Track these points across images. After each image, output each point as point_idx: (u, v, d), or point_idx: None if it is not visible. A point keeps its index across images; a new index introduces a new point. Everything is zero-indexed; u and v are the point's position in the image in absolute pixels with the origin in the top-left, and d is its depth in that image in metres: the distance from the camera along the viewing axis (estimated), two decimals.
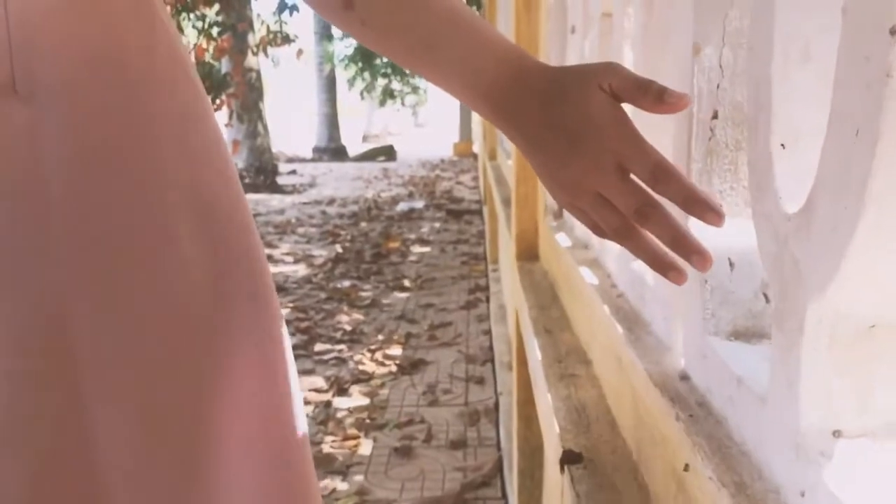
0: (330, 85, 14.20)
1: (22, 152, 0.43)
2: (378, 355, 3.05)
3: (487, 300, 3.82)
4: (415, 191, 9.03)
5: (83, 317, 0.44)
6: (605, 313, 0.82)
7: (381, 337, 3.31)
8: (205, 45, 7.62)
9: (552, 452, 0.81)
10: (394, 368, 2.92)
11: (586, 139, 0.47)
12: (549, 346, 1.01)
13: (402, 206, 7.52)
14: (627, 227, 0.48)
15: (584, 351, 0.98)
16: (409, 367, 2.92)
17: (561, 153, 0.48)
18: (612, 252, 0.96)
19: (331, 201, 8.12)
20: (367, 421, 2.45)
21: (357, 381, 2.80)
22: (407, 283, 4.31)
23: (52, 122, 0.43)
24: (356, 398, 2.65)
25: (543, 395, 0.88)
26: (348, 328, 3.44)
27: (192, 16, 7.41)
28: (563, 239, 1.23)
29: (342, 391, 2.71)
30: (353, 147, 15.28)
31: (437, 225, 6.49)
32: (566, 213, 1.39)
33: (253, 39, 8.28)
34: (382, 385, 2.76)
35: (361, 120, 21.77)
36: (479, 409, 2.54)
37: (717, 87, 0.58)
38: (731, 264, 0.58)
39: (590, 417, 0.78)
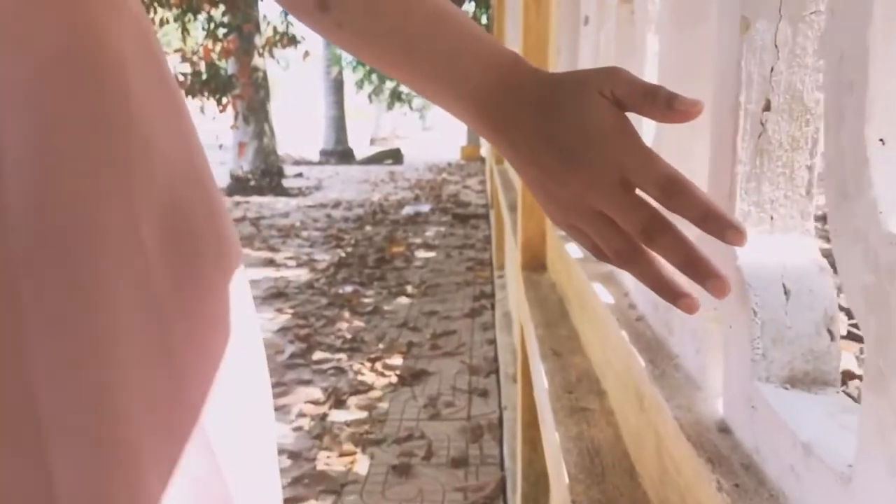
0: (337, 88, 14.13)
1: None
2: (378, 365, 2.94)
3: (493, 307, 3.71)
4: (421, 194, 8.93)
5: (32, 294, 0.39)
6: (622, 339, 0.71)
7: (381, 345, 3.20)
8: (210, 46, 7.55)
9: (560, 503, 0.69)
10: (394, 379, 2.80)
11: (585, 151, 0.42)
12: (558, 372, 0.90)
13: (407, 210, 7.42)
14: (632, 250, 0.42)
15: (598, 379, 0.86)
16: (410, 377, 2.81)
17: (557, 167, 0.43)
18: None
19: (336, 204, 8.03)
20: (365, 436, 2.33)
21: (356, 392, 2.69)
22: (410, 289, 4.20)
23: (11, 122, 0.39)
24: (354, 411, 2.54)
25: (551, 432, 0.77)
26: (348, 336, 3.34)
27: (197, 17, 7.34)
28: (573, 250, 1.12)
29: (340, 403, 2.60)
30: (361, 150, 15.22)
31: (443, 229, 6.39)
32: None
33: (259, 41, 8.20)
34: (382, 397, 2.65)
35: (369, 123, 21.72)
36: (482, 424, 2.42)
37: (771, 70, 0.47)
38: (787, 292, 0.46)
39: (604, 464, 0.67)
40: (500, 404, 2.57)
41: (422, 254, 5.29)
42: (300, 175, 11.23)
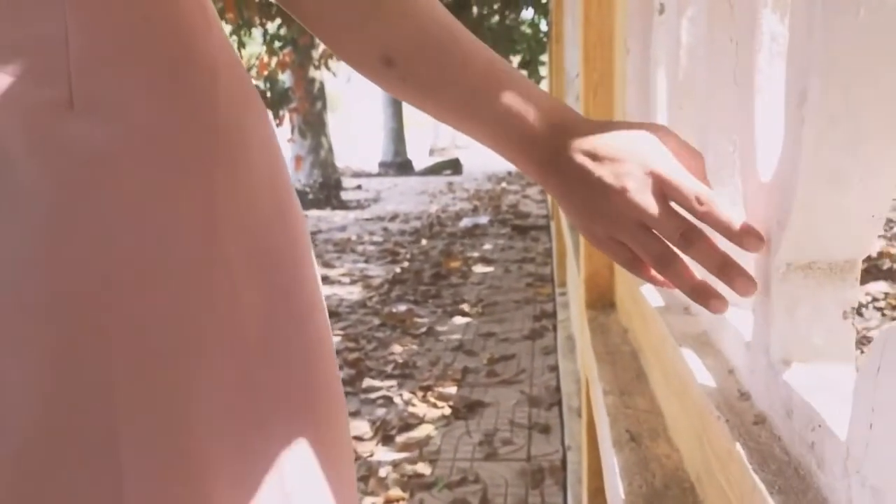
0: (395, 99, 14.06)
1: (78, 171, 0.42)
2: (430, 395, 2.74)
3: (554, 328, 3.47)
4: (479, 205, 8.72)
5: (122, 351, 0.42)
6: (735, 455, 0.49)
7: (435, 371, 3.00)
8: (266, 59, 7.54)
9: None
10: (447, 411, 2.60)
11: (631, 168, 0.49)
12: (636, 469, 0.67)
13: (465, 222, 7.22)
14: (671, 254, 0.49)
15: (692, 485, 0.64)
16: (465, 409, 2.60)
17: (605, 184, 0.49)
18: (731, 332, 0.62)
19: (393, 217, 7.90)
20: (414, 479, 2.13)
21: (405, 426, 2.49)
22: (466, 307, 3.99)
23: (109, 139, 0.42)
24: (403, 448, 2.34)
25: None
26: (400, 360, 3.15)
27: (252, 31, 7.34)
28: (651, 294, 0.89)
29: (388, 439, 2.40)
30: (420, 161, 15.13)
31: (502, 242, 6.16)
32: None
33: (315, 53, 8.16)
34: (433, 432, 2.45)
35: (428, 133, 21.66)
36: (543, 467, 2.19)
37: None
38: None
39: None
40: (563, 442, 2.34)
41: (479, 269, 5.08)
42: (359, 187, 11.18)
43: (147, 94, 0.43)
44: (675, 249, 0.49)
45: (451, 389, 2.80)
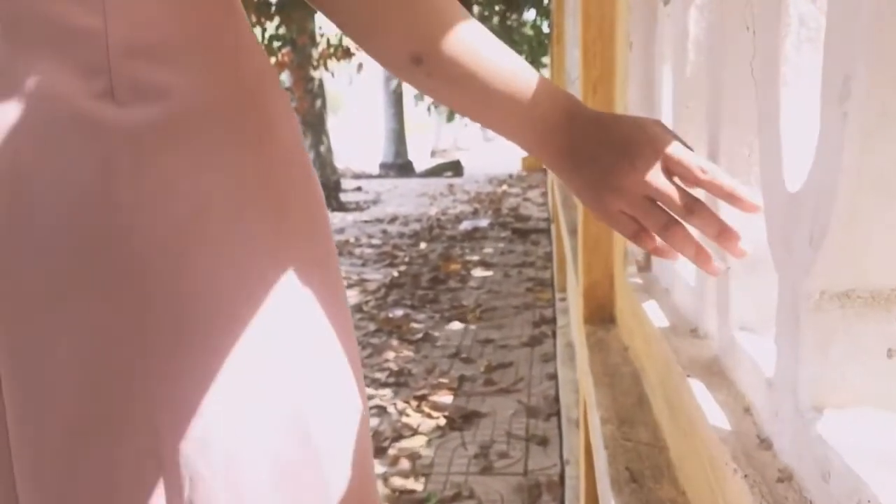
0: (397, 100, 14.00)
1: (122, 162, 0.43)
2: (425, 405, 2.65)
3: (554, 335, 3.38)
4: (480, 208, 8.64)
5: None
6: (746, 496, 0.40)
7: (430, 379, 2.91)
8: None
9: None
10: (442, 422, 2.51)
11: (640, 147, 0.53)
12: None
13: (465, 225, 7.13)
14: (675, 223, 0.54)
15: None
16: (461, 420, 2.51)
17: (615, 161, 0.54)
18: (747, 362, 0.54)
19: (392, 219, 7.81)
20: (405, 495, 2.05)
21: (398, 437, 2.41)
22: (465, 312, 3.91)
23: (148, 124, 0.44)
24: (395, 461, 2.26)
25: None
26: (395, 368, 3.07)
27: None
28: (654, 311, 0.81)
29: (380, 451, 2.32)
30: (421, 162, 15.04)
31: (502, 245, 6.07)
32: (656, 265, 0.97)
33: (315, 53, 8.08)
34: (428, 444, 2.36)
35: (430, 135, 21.58)
36: (540, 482, 2.11)
37: None
38: None
39: None
40: (561, 455, 2.25)
41: (478, 272, 4.99)
42: (359, 189, 11.10)
43: (181, 81, 0.45)
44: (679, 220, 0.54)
45: (447, 398, 2.72)
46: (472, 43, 0.54)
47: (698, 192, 0.54)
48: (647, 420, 0.77)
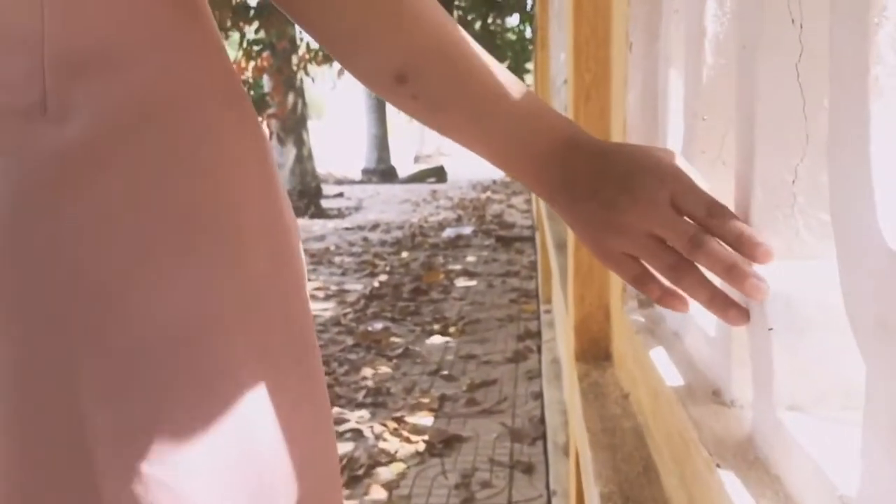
0: (379, 105, 13.86)
1: (49, 176, 0.39)
2: (404, 428, 2.51)
3: (539, 349, 3.26)
4: (463, 214, 8.51)
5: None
6: None
7: (410, 399, 2.77)
8: (244, 64, 7.30)
9: None
10: (421, 447, 2.37)
11: (643, 179, 0.48)
12: None
13: (448, 233, 7.00)
14: (683, 262, 0.48)
15: None
16: (441, 445, 2.38)
17: (617, 198, 0.49)
18: (806, 467, 0.41)
19: (374, 226, 7.67)
20: None
21: (375, 464, 2.27)
22: (447, 325, 3.77)
23: (82, 146, 0.40)
24: (371, 490, 2.12)
25: None
26: (373, 386, 2.92)
27: (228, 35, 7.10)
28: (662, 360, 0.68)
29: (354, 480, 2.18)
30: (405, 168, 14.91)
31: (485, 254, 5.95)
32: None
33: (295, 58, 7.92)
34: (406, 472, 2.22)
35: (413, 140, 21.46)
36: None
37: None
38: None
39: None
40: (547, 485, 2.12)
41: (461, 283, 4.86)
42: (341, 195, 10.94)
43: (123, 99, 0.41)
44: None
45: (427, 420, 2.58)
46: (463, 63, 0.50)
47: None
48: (657, 496, 0.64)
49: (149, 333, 0.41)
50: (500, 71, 0.51)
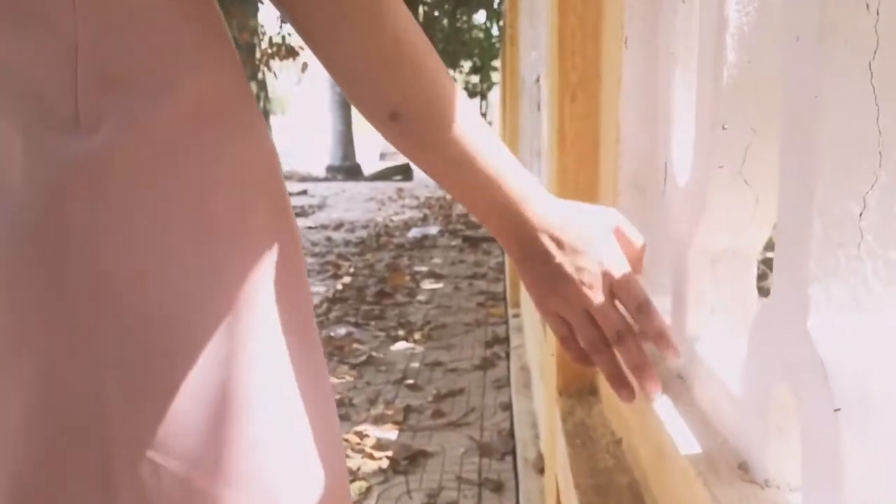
0: (344, 101, 13.65)
1: (79, 184, 0.42)
2: (366, 442, 2.39)
3: (507, 356, 3.16)
4: (430, 214, 8.39)
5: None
6: None
7: (373, 411, 2.65)
8: None
9: None
10: (385, 463, 2.25)
11: (590, 262, 0.56)
12: None
13: (414, 233, 6.88)
14: (604, 343, 0.57)
15: None
16: (406, 461, 2.25)
17: (565, 270, 0.56)
18: None
19: (338, 226, 7.51)
20: None
21: None
22: (412, 330, 3.65)
23: (111, 157, 0.43)
24: None
25: None
26: (336, 396, 2.79)
27: None
28: (668, 414, 0.57)
29: None
30: (370, 166, 14.73)
31: (452, 254, 5.84)
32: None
33: (258, 52, 7.71)
34: (368, 491, 2.10)
35: (379, 138, 21.25)
36: None
37: None
38: None
39: None
40: (517, 502, 2.02)
41: (427, 285, 4.74)
42: (304, 192, 10.75)
43: (149, 112, 0.44)
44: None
45: (391, 434, 2.45)
46: (449, 112, 0.54)
47: None
48: None
49: (167, 330, 0.43)
50: (482, 124, 0.55)
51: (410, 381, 2.93)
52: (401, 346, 3.43)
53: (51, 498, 0.42)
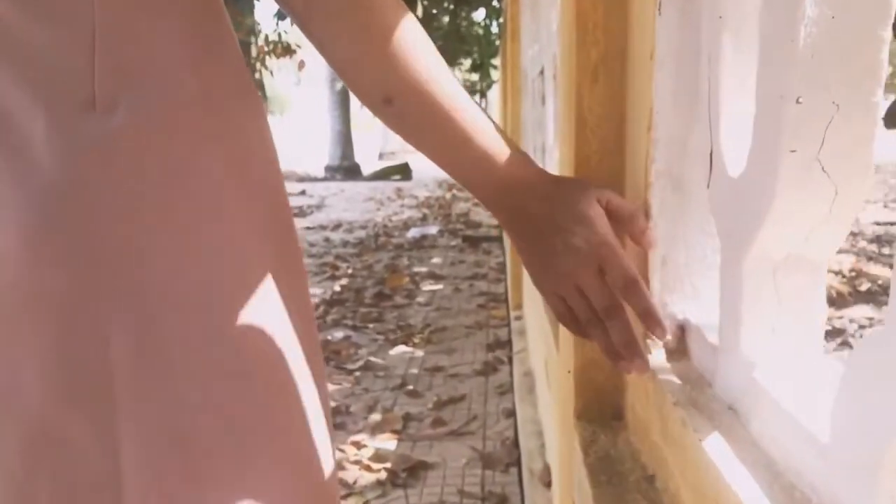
0: (343, 101, 13.53)
1: (95, 158, 0.46)
2: (365, 452, 2.28)
3: (510, 360, 3.05)
4: (429, 213, 8.28)
5: (123, 342, 0.46)
6: None
7: (371, 418, 2.54)
8: None
9: None
10: (383, 475, 2.14)
11: (580, 240, 0.57)
12: None
13: (413, 233, 6.77)
14: (597, 319, 0.59)
15: None
16: (405, 473, 2.14)
17: (556, 248, 0.58)
18: None
19: (336, 226, 7.40)
20: None
21: None
22: (412, 333, 3.54)
23: (125, 135, 0.46)
24: None
25: None
26: (332, 404, 2.68)
27: None
28: (718, 450, 0.46)
29: None
30: (369, 165, 14.62)
31: (452, 255, 5.73)
32: (696, 350, 0.63)
33: (253, 50, 7.59)
34: None
35: (378, 136, 21.12)
36: None
37: None
38: None
39: None
40: None
41: (427, 286, 4.63)
42: (303, 193, 10.63)
43: (160, 96, 0.48)
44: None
45: (390, 444, 2.34)
46: (443, 93, 0.56)
47: None
48: None
49: (173, 292, 0.47)
50: (474, 107, 0.57)
51: (410, 388, 2.82)
52: (400, 350, 3.32)
53: (62, 439, 0.45)
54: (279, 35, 7.37)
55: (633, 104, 0.69)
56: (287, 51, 7.28)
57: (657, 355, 0.65)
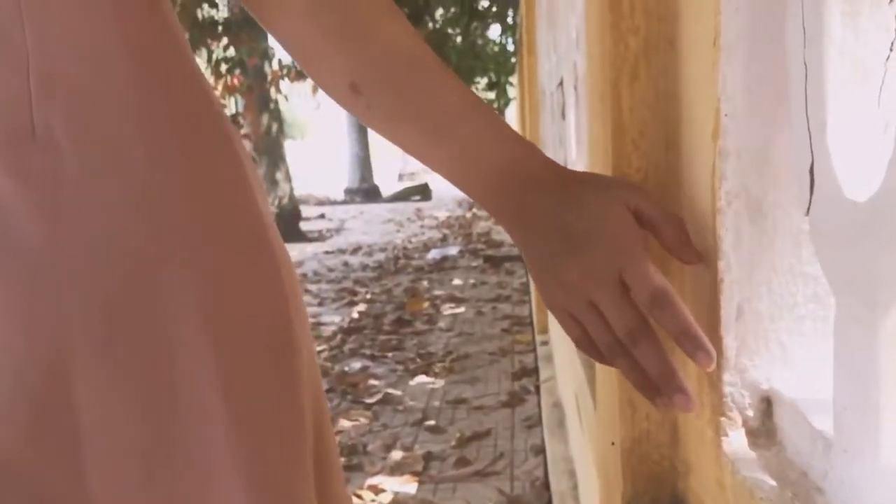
0: (361, 125, 13.50)
1: (38, 200, 0.42)
2: (383, 498, 2.11)
3: (537, 390, 2.87)
4: (449, 234, 8.14)
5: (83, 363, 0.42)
6: None
7: (390, 458, 2.37)
8: (213, 83, 6.94)
9: None
10: None
11: (595, 244, 0.47)
12: None
13: (433, 254, 6.63)
14: (620, 345, 0.47)
15: None
16: None
17: (564, 252, 0.48)
18: None
19: (356, 249, 7.27)
20: None
21: None
22: (433, 362, 3.38)
23: (72, 169, 0.42)
24: None
25: None
26: (348, 442, 2.52)
27: (198, 52, 6.73)
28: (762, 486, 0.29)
29: None
30: (388, 187, 14.55)
31: (473, 276, 5.57)
32: (789, 429, 0.46)
33: (268, 75, 7.54)
34: None
35: (397, 158, 21.10)
36: None
37: None
38: None
39: None
40: None
41: (448, 310, 4.47)
42: (322, 216, 10.56)
43: (108, 123, 0.43)
44: None
45: (410, 487, 2.18)
46: (417, 78, 0.51)
47: None
48: None
49: (117, 314, 0.43)
50: (460, 89, 0.52)
51: (431, 423, 2.66)
52: (420, 380, 3.16)
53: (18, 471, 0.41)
54: (293, 60, 7.33)
55: (691, 106, 0.53)
56: (301, 75, 7.22)
57: (735, 438, 0.48)
